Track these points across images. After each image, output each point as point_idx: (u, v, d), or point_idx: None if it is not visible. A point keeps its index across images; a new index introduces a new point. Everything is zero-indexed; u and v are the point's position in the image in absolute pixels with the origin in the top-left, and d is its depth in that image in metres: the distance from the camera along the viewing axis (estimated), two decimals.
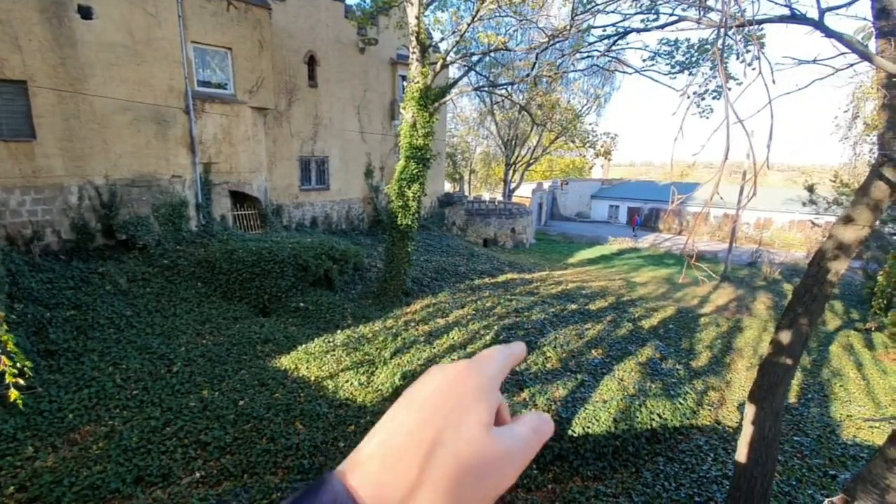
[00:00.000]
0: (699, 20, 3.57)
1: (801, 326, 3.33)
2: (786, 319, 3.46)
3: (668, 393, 7.64)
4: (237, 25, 12.17)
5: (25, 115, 9.25)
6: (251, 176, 13.45)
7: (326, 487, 0.35)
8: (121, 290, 9.31)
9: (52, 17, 9.24)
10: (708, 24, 3.51)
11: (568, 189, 42.12)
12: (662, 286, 17.37)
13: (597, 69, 15.39)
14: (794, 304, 3.47)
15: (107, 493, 5.23)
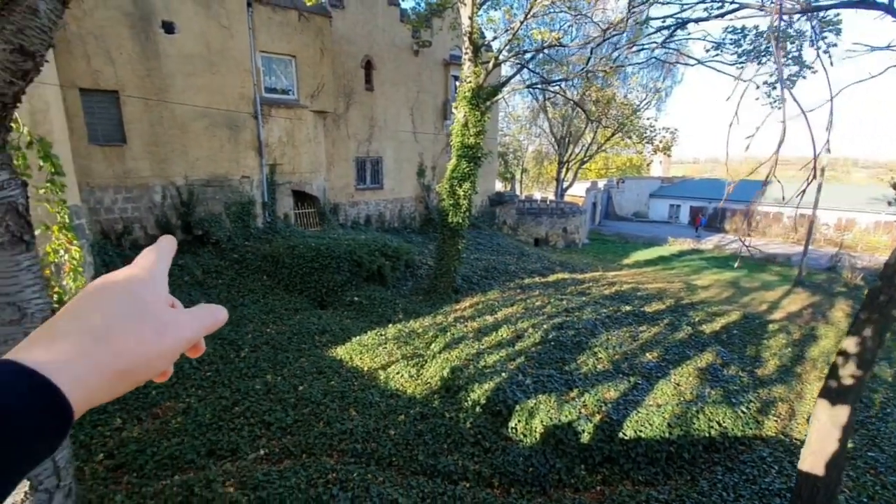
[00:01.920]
0: (761, 7, 3.39)
1: (873, 332, 3.09)
2: (857, 324, 3.22)
3: (729, 401, 7.26)
4: (300, 34, 12.89)
5: (117, 122, 10.35)
6: (311, 176, 14.19)
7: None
8: (197, 281, 10.19)
9: (140, 32, 10.28)
10: (770, 11, 3.34)
11: (624, 188, 40.55)
12: (727, 290, 16.36)
13: (656, 62, 14.77)
14: (867, 307, 3.23)
15: (183, 464, 5.78)
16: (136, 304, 0.45)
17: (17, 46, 1.54)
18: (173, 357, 0.47)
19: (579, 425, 6.37)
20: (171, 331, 0.46)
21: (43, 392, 0.36)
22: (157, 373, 0.46)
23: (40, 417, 0.35)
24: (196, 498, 4.91)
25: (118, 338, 0.42)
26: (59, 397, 0.37)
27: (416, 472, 5.82)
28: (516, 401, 6.84)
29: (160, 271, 0.53)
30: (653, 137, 13.29)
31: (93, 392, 0.40)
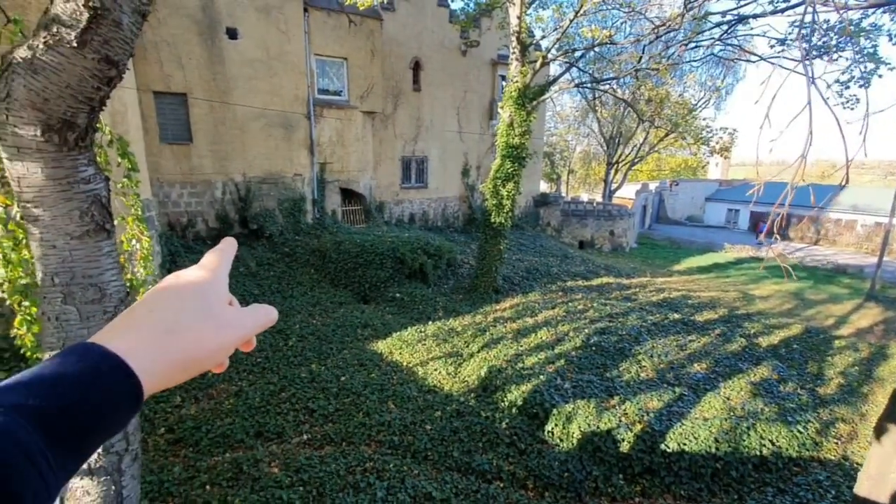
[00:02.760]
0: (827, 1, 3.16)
1: None
2: None
3: (784, 419, 6.81)
4: (353, 37, 13.32)
5: (185, 122, 11.15)
6: (359, 174, 14.62)
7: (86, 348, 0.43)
8: (251, 272, 10.80)
9: (207, 39, 11.01)
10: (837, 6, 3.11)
11: (677, 190, 38.71)
12: (788, 301, 15.29)
13: (715, 58, 14.01)
14: None
15: (234, 442, 6.17)
16: (203, 304, 0.51)
17: (103, 56, 1.74)
18: (229, 351, 0.52)
19: (619, 433, 6.21)
20: (229, 329, 0.52)
21: (121, 374, 0.42)
22: (216, 364, 0.52)
23: (118, 395, 0.42)
24: (244, 475, 5.24)
25: (185, 333, 0.48)
26: (134, 379, 0.43)
27: (451, 468, 5.90)
28: (554, 404, 6.76)
29: (223, 272, 0.57)
30: (709, 139, 12.59)
31: (160, 377, 0.46)
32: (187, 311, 0.50)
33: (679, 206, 38.88)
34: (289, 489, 5.02)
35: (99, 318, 1.93)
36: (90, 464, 1.93)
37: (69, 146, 1.79)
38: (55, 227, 1.83)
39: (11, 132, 1.72)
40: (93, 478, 1.92)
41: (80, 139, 1.83)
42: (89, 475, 1.92)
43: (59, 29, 1.64)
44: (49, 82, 1.67)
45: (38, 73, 1.66)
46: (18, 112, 1.68)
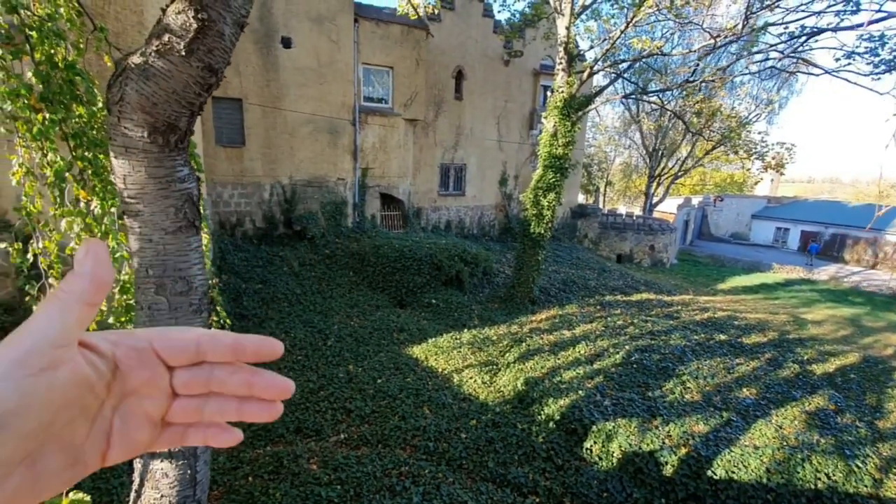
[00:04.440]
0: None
1: None
2: None
3: (842, 452, 6.38)
4: (399, 46, 13.62)
5: (239, 126, 11.67)
6: (399, 181, 14.86)
7: None
8: (293, 272, 11.13)
9: (263, 47, 11.52)
10: None
11: (722, 206, 37.21)
12: (844, 328, 14.37)
13: (774, 71, 13.46)
14: None
15: (275, 436, 6.34)
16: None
17: (206, 64, 1.87)
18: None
19: (662, 456, 5.98)
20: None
21: None
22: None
23: None
24: (285, 470, 5.37)
25: None
26: None
27: (486, 479, 5.84)
28: (593, 421, 6.60)
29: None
30: (764, 153, 12.06)
31: None
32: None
33: (723, 222, 37.36)
34: (327, 487, 5.10)
35: (185, 309, 2.04)
36: (170, 448, 2.04)
37: (170, 147, 1.92)
38: (153, 222, 1.96)
39: (121, 133, 1.86)
40: (172, 461, 2.03)
41: (179, 141, 1.95)
42: (169, 458, 2.03)
43: (170, 38, 1.77)
44: (158, 87, 1.80)
45: (149, 78, 1.79)
46: (130, 115, 1.82)
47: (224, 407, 0.45)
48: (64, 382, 0.36)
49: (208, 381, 0.44)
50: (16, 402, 0.33)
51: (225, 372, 0.44)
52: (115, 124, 1.86)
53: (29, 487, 0.35)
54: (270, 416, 0.46)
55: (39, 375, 0.34)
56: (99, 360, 0.39)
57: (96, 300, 0.38)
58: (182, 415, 0.44)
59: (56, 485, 0.37)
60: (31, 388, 0.34)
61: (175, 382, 0.43)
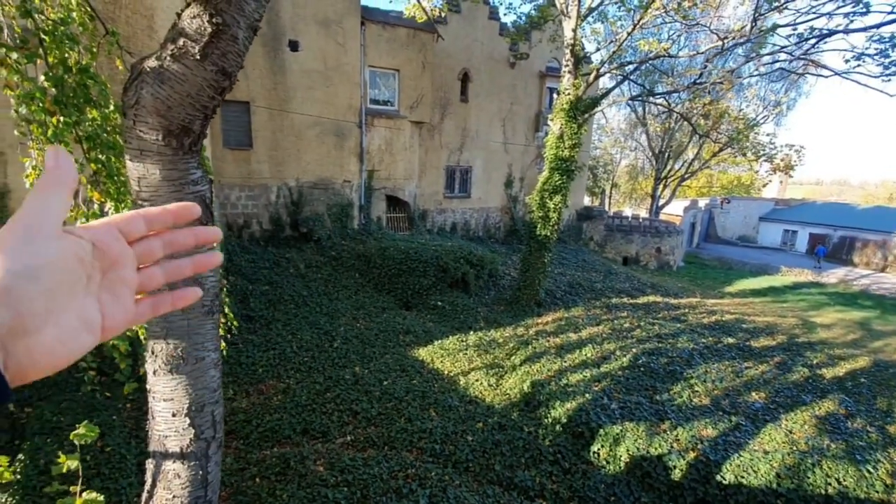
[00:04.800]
0: None
1: None
2: None
3: (852, 457, 6.30)
4: (406, 49, 13.67)
5: (246, 129, 11.75)
6: (405, 183, 14.89)
7: None
8: (300, 274, 11.17)
9: (271, 50, 11.60)
10: None
11: (729, 208, 36.94)
12: (854, 331, 14.22)
13: (782, 73, 13.35)
14: None
15: (281, 437, 6.35)
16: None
17: (220, 68, 1.88)
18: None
19: (670, 460, 5.94)
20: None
21: None
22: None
23: None
24: (291, 471, 5.37)
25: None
26: None
27: (492, 482, 5.82)
28: (600, 424, 6.56)
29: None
30: (773, 155, 11.97)
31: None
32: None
33: (730, 224, 37.09)
34: (334, 488, 5.10)
35: (197, 310, 2.06)
36: (182, 449, 2.05)
37: (184, 150, 1.94)
38: None
39: (136, 136, 1.88)
40: (184, 462, 2.04)
41: (193, 144, 1.97)
42: (181, 459, 2.04)
43: (185, 42, 1.79)
44: (173, 91, 1.82)
45: (164, 82, 1.81)
46: (145, 118, 1.84)
47: (181, 264, 0.57)
48: (65, 251, 0.43)
49: (162, 244, 0.54)
50: (42, 259, 0.41)
51: (171, 234, 0.55)
52: (130, 127, 1.88)
53: (58, 341, 0.42)
54: (215, 260, 0.59)
55: (51, 241, 0.42)
56: (81, 241, 0.46)
57: (71, 183, 0.46)
58: (149, 280, 0.53)
59: (76, 346, 0.44)
60: (48, 251, 0.42)
61: (137, 251, 0.52)
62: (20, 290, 0.39)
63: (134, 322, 0.52)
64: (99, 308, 0.47)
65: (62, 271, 0.42)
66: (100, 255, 0.47)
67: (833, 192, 77.81)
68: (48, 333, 0.41)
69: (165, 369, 2.03)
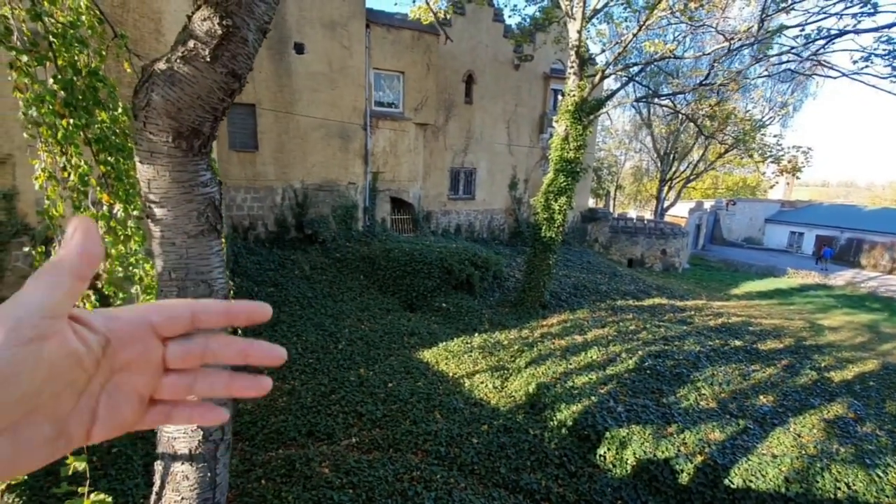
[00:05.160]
0: None
1: None
2: None
3: (862, 461, 6.24)
4: (410, 52, 13.71)
5: (252, 131, 11.80)
6: (409, 184, 14.90)
7: None
8: (305, 276, 11.19)
9: (276, 53, 11.65)
10: None
11: (734, 210, 36.74)
12: (862, 334, 14.09)
13: (789, 74, 13.27)
14: None
15: (287, 439, 6.35)
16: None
17: (230, 70, 1.88)
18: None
19: (677, 464, 5.89)
20: None
21: None
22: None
23: None
24: (297, 473, 5.37)
25: None
26: None
27: (498, 485, 5.80)
28: (606, 427, 6.52)
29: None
30: (780, 157, 11.88)
31: None
32: None
33: (736, 226, 36.89)
34: (339, 490, 5.09)
35: None
36: (191, 450, 2.05)
37: (194, 152, 1.94)
38: (176, 225, 1.98)
39: (146, 138, 1.88)
40: (192, 464, 2.04)
41: (202, 146, 1.97)
42: (189, 461, 2.04)
43: (196, 44, 1.79)
44: (183, 93, 1.82)
45: (174, 84, 1.81)
46: (155, 120, 1.84)
47: (214, 382, 0.45)
48: (52, 354, 0.36)
49: (203, 352, 0.44)
50: (2, 370, 0.33)
51: (220, 343, 0.44)
52: (140, 129, 1.88)
53: (8, 456, 0.35)
54: (259, 390, 0.46)
55: (28, 345, 0.34)
56: (90, 334, 0.38)
57: (86, 274, 0.38)
58: (171, 391, 0.44)
59: (39, 457, 0.37)
60: (19, 357, 0.34)
61: (169, 355, 0.43)
62: None
63: (133, 429, 0.43)
64: (91, 414, 0.40)
65: (40, 378, 0.35)
66: (113, 354, 0.40)
67: (840, 193, 77.33)
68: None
69: None
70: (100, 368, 0.39)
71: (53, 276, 0.37)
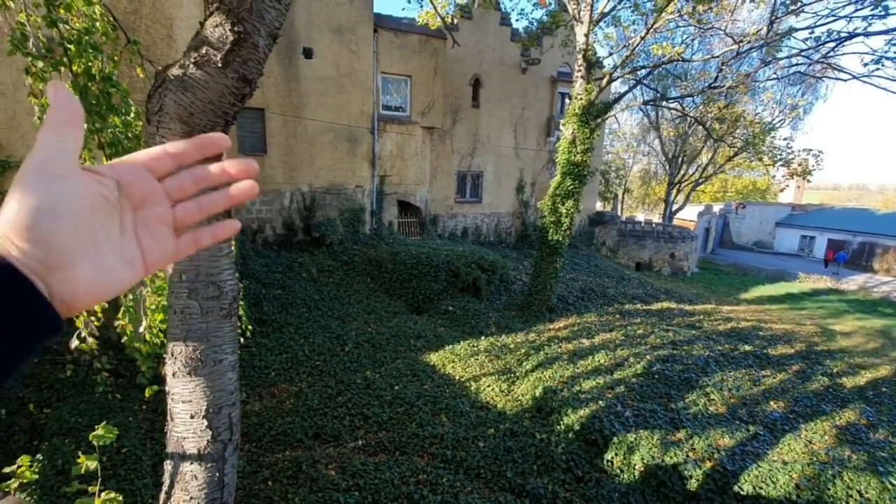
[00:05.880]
0: None
1: None
2: None
3: (874, 469, 6.13)
4: (417, 56, 13.78)
5: (261, 135, 11.91)
6: (416, 188, 14.95)
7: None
8: (312, 278, 11.25)
9: (285, 58, 11.77)
10: None
11: (744, 213, 36.39)
12: (875, 340, 13.86)
13: (799, 76, 13.17)
14: None
15: (293, 441, 6.37)
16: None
17: (241, 75, 1.91)
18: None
19: (686, 470, 5.83)
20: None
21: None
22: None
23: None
24: (303, 475, 5.39)
25: None
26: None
27: (504, 489, 5.77)
28: (614, 432, 6.47)
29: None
30: (790, 160, 11.74)
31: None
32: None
33: (745, 230, 36.52)
34: (345, 493, 5.10)
35: (216, 313, 2.08)
36: (199, 450, 2.07)
37: None
38: None
39: (159, 142, 1.91)
40: (201, 463, 2.06)
41: None
42: (198, 461, 2.06)
43: (208, 50, 1.83)
44: (195, 98, 1.85)
45: (187, 89, 1.84)
46: (168, 124, 1.88)
47: (216, 196, 0.55)
48: (86, 189, 0.43)
49: (193, 178, 0.52)
50: (61, 196, 0.41)
51: (202, 170, 0.53)
52: (153, 133, 1.92)
53: (95, 275, 0.43)
54: (251, 190, 0.56)
55: (65, 178, 0.42)
56: (104, 179, 0.45)
57: (76, 119, 0.45)
58: (185, 215, 0.52)
59: (118, 281, 0.45)
60: (64, 187, 0.41)
61: (168, 187, 0.51)
62: (43, 228, 0.40)
63: (177, 257, 0.52)
64: (138, 245, 0.48)
65: (85, 208, 0.43)
66: (126, 193, 0.47)
67: (851, 196, 76.36)
68: (83, 269, 0.42)
69: (184, 371, 2.06)
70: (123, 206, 0.47)
71: (53, 128, 0.43)
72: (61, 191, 0.41)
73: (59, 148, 0.42)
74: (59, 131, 0.43)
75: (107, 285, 0.45)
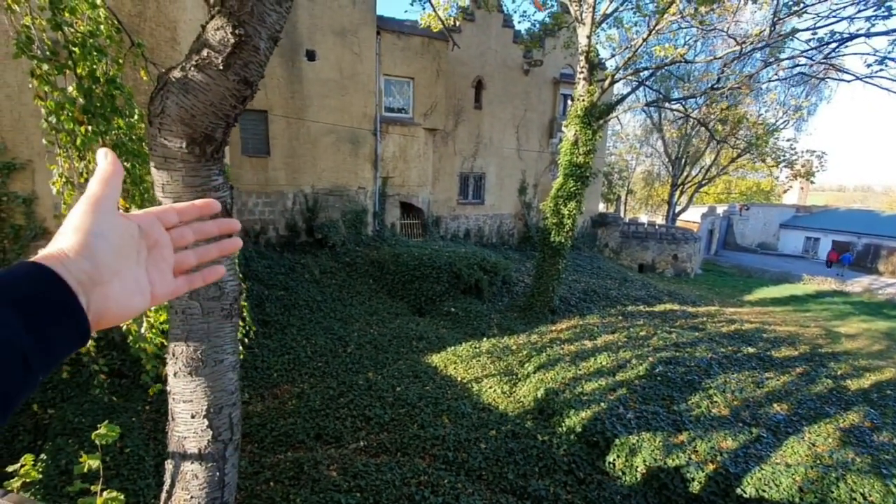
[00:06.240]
0: None
1: None
2: None
3: (878, 471, 6.09)
4: (420, 58, 13.82)
5: (264, 137, 11.97)
6: (418, 189, 14.97)
7: (30, 266, 0.47)
8: (315, 280, 11.28)
9: (288, 60, 11.82)
10: None
11: (748, 215, 36.21)
12: (879, 342, 13.77)
13: (802, 77, 13.13)
14: None
15: (295, 442, 6.39)
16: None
17: (242, 77, 1.93)
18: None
19: (688, 472, 5.81)
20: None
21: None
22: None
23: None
24: (305, 476, 5.40)
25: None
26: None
27: (505, 491, 5.76)
28: (616, 434, 6.46)
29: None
30: (793, 161, 11.70)
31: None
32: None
33: (749, 231, 36.35)
34: (347, 494, 5.11)
35: (217, 313, 2.10)
36: (200, 450, 2.08)
37: (206, 157, 1.99)
38: None
39: (161, 144, 1.93)
40: (201, 463, 2.08)
41: (215, 151, 2.02)
42: (199, 460, 2.08)
43: (209, 53, 1.84)
44: (197, 100, 1.87)
45: (188, 91, 1.86)
46: (170, 126, 1.90)
47: (209, 248, 0.68)
48: (122, 226, 0.55)
49: (193, 231, 0.65)
50: (105, 226, 0.53)
51: (200, 225, 0.66)
52: (155, 136, 1.93)
53: (121, 295, 0.54)
54: (234, 246, 0.72)
55: (110, 214, 0.54)
56: (131, 221, 0.58)
57: (118, 175, 0.57)
58: (184, 260, 0.64)
59: (135, 305, 0.56)
60: (110, 221, 0.54)
61: (173, 237, 0.63)
62: (95, 247, 0.51)
63: (174, 294, 0.63)
64: (147, 278, 0.58)
65: (121, 239, 0.55)
66: (145, 236, 0.59)
67: (856, 198, 75.92)
68: (115, 287, 0.53)
69: (185, 371, 2.07)
70: (140, 245, 0.58)
71: (102, 180, 0.56)
72: (108, 223, 0.53)
73: (105, 194, 0.55)
74: (107, 180, 0.56)
75: (127, 308, 0.55)
